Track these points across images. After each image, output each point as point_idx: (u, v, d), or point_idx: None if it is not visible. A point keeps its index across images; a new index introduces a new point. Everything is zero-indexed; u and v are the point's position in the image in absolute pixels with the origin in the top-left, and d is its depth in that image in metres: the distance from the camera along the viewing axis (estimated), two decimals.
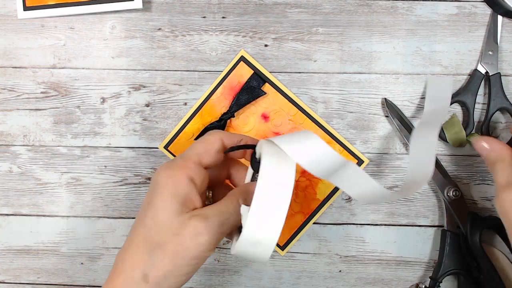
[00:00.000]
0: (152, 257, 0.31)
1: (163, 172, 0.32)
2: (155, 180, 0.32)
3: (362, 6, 0.47)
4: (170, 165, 0.33)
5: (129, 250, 0.32)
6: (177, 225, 0.30)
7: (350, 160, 0.34)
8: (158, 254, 0.30)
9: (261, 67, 0.47)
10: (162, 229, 0.31)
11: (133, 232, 0.32)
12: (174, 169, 0.32)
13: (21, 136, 0.48)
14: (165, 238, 0.30)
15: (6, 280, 0.49)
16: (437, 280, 0.45)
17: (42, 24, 0.48)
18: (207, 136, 0.35)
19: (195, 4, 0.47)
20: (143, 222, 0.32)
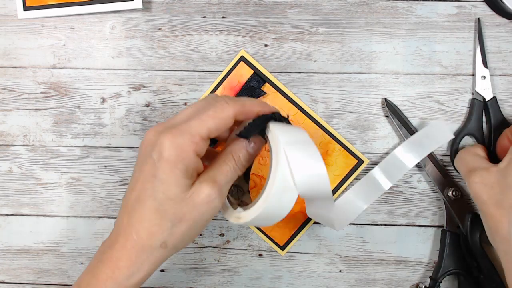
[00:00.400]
0: (172, 227, 0.32)
1: (167, 142, 0.31)
2: (159, 150, 0.31)
3: (362, 6, 0.47)
4: (175, 136, 0.31)
5: (141, 221, 0.33)
6: (191, 196, 0.32)
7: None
8: (177, 224, 0.32)
9: (261, 67, 0.47)
10: (177, 203, 0.32)
11: (140, 204, 0.33)
12: (181, 142, 0.31)
13: (21, 136, 0.48)
14: (182, 210, 0.32)
15: (6, 280, 0.49)
16: (437, 280, 0.45)
17: (42, 24, 0.48)
18: (221, 109, 0.33)
19: (195, 4, 0.47)
20: (153, 195, 0.32)
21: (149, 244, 0.33)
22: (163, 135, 0.31)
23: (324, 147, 0.47)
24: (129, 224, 0.33)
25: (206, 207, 0.33)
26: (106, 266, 0.33)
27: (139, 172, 0.33)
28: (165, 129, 0.32)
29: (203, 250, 0.48)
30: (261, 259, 0.48)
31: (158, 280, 0.49)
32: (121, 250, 0.33)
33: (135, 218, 0.33)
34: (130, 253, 0.33)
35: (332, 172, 0.47)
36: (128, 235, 0.33)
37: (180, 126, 0.32)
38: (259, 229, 0.47)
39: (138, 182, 0.33)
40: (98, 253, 0.35)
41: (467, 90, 0.47)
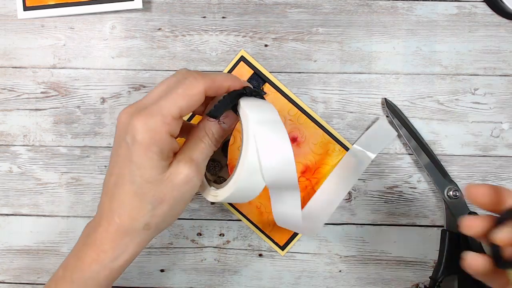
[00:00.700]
0: (153, 209, 0.33)
1: (139, 125, 0.31)
2: (132, 134, 0.31)
3: (362, 6, 0.47)
4: (147, 118, 0.31)
5: (121, 205, 0.33)
6: (169, 177, 0.33)
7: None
8: (157, 205, 0.33)
9: (261, 67, 0.47)
10: (156, 185, 0.32)
11: (119, 188, 0.33)
12: (153, 125, 0.31)
13: (21, 136, 0.48)
14: (161, 192, 0.33)
15: (6, 280, 0.49)
16: (437, 280, 0.45)
17: (42, 24, 0.48)
18: (191, 87, 0.32)
19: (195, 4, 0.47)
20: (131, 179, 0.32)
21: (132, 227, 0.33)
22: (135, 118, 0.31)
23: (324, 147, 0.47)
24: (111, 208, 0.33)
25: (185, 187, 0.33)
26: (91, 249, 0.34)
27: (115, 156, 0.34)
28: (137, 111, 0.32)
29: (203, 250, 0.48)
30: (261, 259, 0.48)
31: (158, 280, 0.49)
32: (105, 234, 0.33)
33: (115, 202, 0.33)
34: (114, 236, 0.33)
35: None
36: (111, 219, 0.33)
37: (151, 108, 0.32)
38: (259, 229, 0.47)
39: (115, 167, 0.33)
40: (83, 236, 0.35)
41: (467, 90, 0.47)
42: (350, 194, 0.48)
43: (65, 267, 0.35)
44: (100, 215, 0.34)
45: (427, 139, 0.47)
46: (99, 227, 0.34)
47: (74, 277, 0.34)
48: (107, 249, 0.33)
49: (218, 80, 0.34)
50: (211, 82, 0.33)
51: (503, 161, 0.47)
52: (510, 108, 0.47)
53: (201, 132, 0.35)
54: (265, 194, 0.47)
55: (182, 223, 0.48)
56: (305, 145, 0.47)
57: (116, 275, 0.35)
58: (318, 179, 0.47)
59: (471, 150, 0.47)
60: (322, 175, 0.47)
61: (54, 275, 0.36)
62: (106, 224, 0.34)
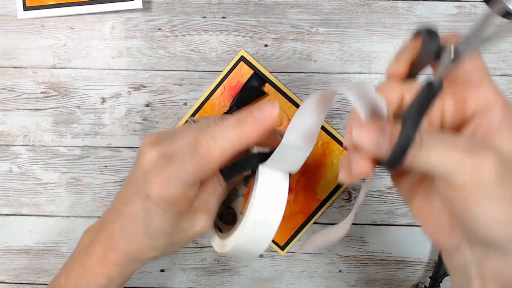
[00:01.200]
0: (163, 249, 0.33)
1: (157, 188, 0.29)
2: (147, 190, 0.29)
3: (362, 6, 0.47)
4: (165, 182, 0.29)
5: (133, 240, 0.33)
6: (186, 229, 0.32)
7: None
8: (168, 247, 0.33)
9: (261, 67, 0.47)
10: (170, 235, 0.32)
11: (133, 224, 0.32)
12: (170, 192, 0.29)
13: (21, 136, 0.48)
14: (174, 240, 0.32)
15: (6, 280, 0.49)
16: (437, 280, 0.45)
17: (42, 24, 0.48)
18: (204, 160, 0.29)
19: (195, 4, 0.47)
20: (145, 224, 0.31)
21: (141, 257, 0.33)
22: (155, 176, 0.29)
23: (324, 147, 0.47)
24: (121, 235, 0.33)
25: (199, 234, 0.33)
26: (97, 262, 0.34)
27: (132, 188, 0.32)
28: (159, 164, 0.29)
29: (203, 250, 0.48)
30: (261, 259, 0.48)
31: (158, 280, 0.49)
32: (114, 254, 0.33)
33: (126, 234, 0.32)
34: (121, 260, 0.33)
35: (332, 172, 0.47)
36: (119, 244, 0.33)
37: (172, 168, 0.29)
38: None
39: (130, 202, 0.32)
40: (85, 244, 0.35)
41: None
42: (350, 194, 0.48)
43: (68, 275, 0.35)
44: (108, 231, 0.34)
45: None
46: (107, 244, 0.33)
47: (80, 286, 0.34)
48: (113, 266, 0.33)
49: (237, 142, 0.29)
50: (229, 150, 0.29)
51: None
52: None
53: (212, 180, 0.33)
54: None
55: None
56: None
57: (122, 285, 0.36)
58: (318, 179, 0.47)
59: None
60: (322, 175, 0.47)
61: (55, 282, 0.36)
62: (115, 245, 0.33)
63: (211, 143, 0.29)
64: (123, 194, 0.33)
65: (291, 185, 0.47)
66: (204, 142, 0.29)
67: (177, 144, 0.30)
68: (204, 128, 0.30)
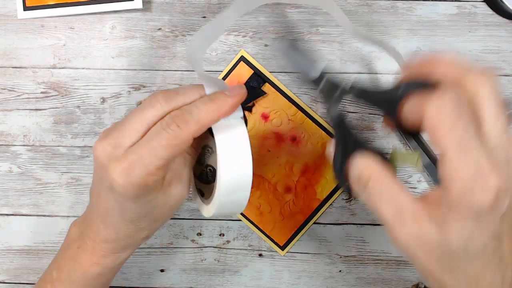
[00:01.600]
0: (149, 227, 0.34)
1: (120, 180, 0.29)
2: (110, 184, 0.29)
3: (362, 6, 0.47)
4: (128, 172, 0.28)
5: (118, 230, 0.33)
6: (163, 203, 0.32)
7: None
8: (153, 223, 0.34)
9: (261, 67, 0.47)
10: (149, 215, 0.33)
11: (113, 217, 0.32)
12: (136, 180, 0.29)
13: (21, 136, 0.48)
14: (156, 215, 0.33)
15: (6, 280, 0.49)
16: None
17: (42, 24, 0.48)
18: (175, 136, 0.29)
19: (195, 4, 0.47)
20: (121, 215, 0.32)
21: (131, 241, 0.34)
22: (113, 169, 0.29)
23: (324, 147, 0.47)
24: (106, 228, 0.33)
25: (178, 204, 0.33)
26: (90, 254, 0.34)
27: (98, 184, 0.32)
28: (115, 156, 0.29)
29: (203, 250, 0.48)
30: (261, 259, 0.48)
31: (158, 280, 0.49)
32: (103, 245, 0.33)
33: (109, 225, 0.33)
34: (114, 248, 0.34)
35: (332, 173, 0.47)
36: (107, 235, 0.33)
37: (130, 157, 0.28)
38: (259, 229, 0.47)
39: (100, 197, 0.32)
40: (74, 237, 0.35)
41: None
42: (350, 194, 0.48)
43: (60, 269, 0.35)
44: (92, 225, 0.34)
45: (427, 139, 0.47)
46: (96, 238, 0.34)
47: (73, 278, 0.34)
48: (107, 254, 0.34)
49: (206, 120, 0.30)
50: (198, 129, 0.29)
51: None
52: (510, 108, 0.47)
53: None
54: (265, 195, 0.47)
55: (182, 223, 0.48)
56: (305, 145, 0.47)
57: (118, 270, 0.36)
58: (318, 179, 0.47)
59: None
60: (322, 175, 0.47)
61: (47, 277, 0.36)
62: (104, 237, 0.33)
63: (187, 120, 0.29)
64: (94, 191, 0.33)
65: (291, 185, 0.47)
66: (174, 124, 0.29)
67: (125, 134, 0.29)
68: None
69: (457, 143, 0.22)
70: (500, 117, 0.23)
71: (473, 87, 0.24)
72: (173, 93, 0.30)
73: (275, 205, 0.47)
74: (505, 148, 0.23)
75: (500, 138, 0.23)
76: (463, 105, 0.23)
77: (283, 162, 0.47)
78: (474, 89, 0.24)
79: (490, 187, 0.22)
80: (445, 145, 0.23)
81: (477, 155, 0.22)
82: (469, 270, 0.25)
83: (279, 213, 0.47)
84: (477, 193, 0.22)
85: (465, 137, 0.22)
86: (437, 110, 0.23)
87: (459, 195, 0.22)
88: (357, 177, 0.27)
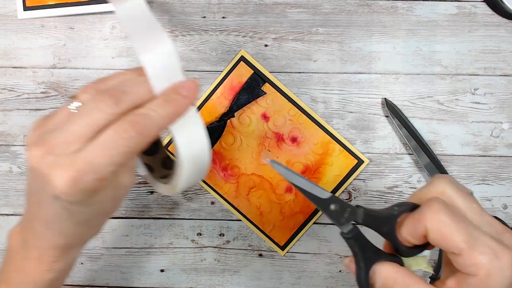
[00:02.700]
0: (97, 224, 0.32)
1: (67, 185, 0.26)
2: (54, 192, 0.27)
3: (362, 6, 0.47)
4: (74, 179, 0.26)
5: (65, 234, 0.31)
6: (112, 195, 0.30)
7: None
8: (101, 219, 0.32)
9: (261, 67, 0.47)
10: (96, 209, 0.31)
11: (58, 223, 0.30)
12: (84, 187, 0.26)
13: (21, 136, 0.48)
14: (110, 208, 0.32)
15: None
16: (437, 279, 0.45)
17: (42, 24, 0.48)
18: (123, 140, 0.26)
19: (195, 4, 0.47)
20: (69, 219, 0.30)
21: (81, 241, 0.32)
22: (57, 178, 0.26)
23: (324, 147, 0.47)
24: (52, 234, 0.30)
25: (128, 190, 0.31)
26: (37, 263, 0.31)
27: (38, 190, 0.29)
28: (57, 164, 0.26)
29: (203, 250, 0.48)
30: (261, 259, 0.48)
31: (158, 280, 0.49)
32: (51, 251, 0.31)
33: (57, 231, 0.30)
34: (63, 253, 0.31)
35: (332, 172, 0.47)
36: (54, 241, 0.31)
37: (79, 165, 0.26)
38: (259, 229, 0.47)
39: (43, 205, 0.29)
40: (17, 248, 0.33)
41: (467, 90, 0.47)
42: (350, 194, 0.48)
43: (8, 283, 0.33)
44: (35, 231, 0.31)
45: (427, 139, 0.47)
46: (42, 245, 0.31)
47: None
48: (58, 259, 0.31)
49: (166, 124, 0.28)
50: (158, 132, 0.28)
51: (503, 161, 0.47)
52: (510, 108, 0.47)
53: None
54: (265, 195, 0.47)
55: (182, 223, 0.48)
56: (305, 145, 0.47)
57: (72, 267, 0.34)
58: (318, 179, 0.47)
59: (471, 150, 0.47)
60: (322, 175, 0.47)
61: None
62: (51, 243, 0.31)
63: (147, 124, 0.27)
64: (32, 199, 0.30)
65: (291, 185, 0.47)
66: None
67: (63, 131, 0.27)
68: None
69: (467, 239, 0.27)
70: (472, 205, 0.29)
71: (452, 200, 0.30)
72: (120, 93, 0.27)
73: (275, 205, 0.47)
74: (489, 224, 0.29)
75: (482, 219, 0.29)
76: (453, 209, 0.28)
77: (283, 162, 0.47)
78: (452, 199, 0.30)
79: (509, 264, 0.27)
80: (458, 243, 0.27)
81: (487, 242, 0.27)
82: None
83: (279, 213, 0.47)
84: (502, 271, 0.27)
85: (470, 231, 0.27)
86: (439, 222, 0.28)
87: (487, 277, 0.27)
88: (383, 285, 0.30)
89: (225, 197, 0.48)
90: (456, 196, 0.29)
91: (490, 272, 0.27)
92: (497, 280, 0.27)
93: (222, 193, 0.48)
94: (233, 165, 0.47)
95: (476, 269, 0.27)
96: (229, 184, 0.48)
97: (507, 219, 0.47)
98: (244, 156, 0.47)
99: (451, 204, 0.29)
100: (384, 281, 0.30)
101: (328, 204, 0.32)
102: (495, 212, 0.47)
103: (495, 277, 0.27)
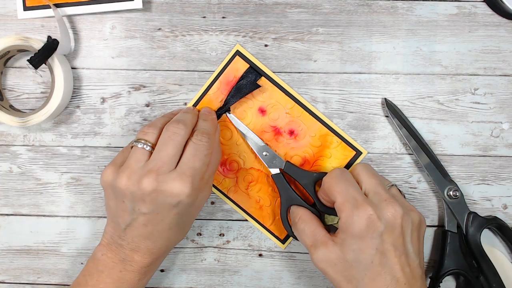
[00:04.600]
0: (189, 227, 0.45)
1: (185, 189, 0.38)
2: (179, 198, 0.38)
3: (362, 6, 0.47)
4: (189, 181, 0.38)
5: (147, 250, 0.41)
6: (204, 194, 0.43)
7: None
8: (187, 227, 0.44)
9: (256, 60, 0.47)
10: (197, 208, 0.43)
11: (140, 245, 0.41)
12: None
13: (21, 136, 0.48)
14: (199, 206, 0.44)
15: (6, 280, 0.49)
16: (437, 280, 0.45)
17: (42, 24, 0.48)
18: (210, 145, 0.40)
19: (195, 4, 0.47)
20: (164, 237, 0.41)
21: (170, 249, 0.44)
22: (174, 187, 0.37)
23: (322, 140, 0.47)
24: (154, 245, 0.40)
25: (204, 202, 0.44)
26: (137, 273, 0.40)
27: (155, 214, 0.39)
28: (165, 179, 0.37)
29: (203, 250, 0.48)
30: (261, 259, 0.48)
31: (158, 280, 0.49)
32: (150, 266, 0.41)
33: (160, 241, 0.40)
34: (159, 262, 0.43)
35: (331, 164, 0.47)
36: (156, 253, 0.40)
37: (187, 172, 0.38)
38: (259, 223, 0.47)
39: (160, 222, 0.39)
40: (114, 264, 0.40)
41: (467, 90, 0.47)
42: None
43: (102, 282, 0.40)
44: (140, 246, 0.40)
45: (427, 139, 0.47)
46: (143, 259, 0.40)
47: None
48: (151, 270, 0.42)
49: (214, 131, 0.42)
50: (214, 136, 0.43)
51: (503, 161, 0.47)
52: (510, 108, 0.47)
53: None
54: (264, 188, 0.47)
55: None
56: (302, 137, 0.47)
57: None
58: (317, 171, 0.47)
59: (471, 150, 0.47)
60: (321, 167, 0.47)
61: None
62: (154, 252, 0.40)
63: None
64: (147, 219, 0.39)
65: None
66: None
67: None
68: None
69: (341, 189, 0.39)
70: (371, 179, 0.40)
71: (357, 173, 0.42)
72: (182, 121, 0.40)
73: (274, 198, 0.47)
74: (377, 193, 0.39)
75: (372, 187, 0.39)
76: (345, 172, 0.41)
77: (282, 156, 0.47)
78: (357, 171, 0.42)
79: (364, 214, 0.37)
80: (334, 193, 0.39)
81: (354, 194, 0.38)
82: (364, 279, 0.37)
83: (279, 207, 0.47)
84: (356, 219, 0.37)
85: (347, 188, 0.39)
86: (329, 177, 0.41)
87: (346, 222, 0.37)
88: (295, 222, 0.42)
89: (225, 192, 0.48)
90: (361, 171, 0.41)
91: (348, 219, 0.37)
92: (351, 221, 0.37)
93: (221, 188, 0.48)
94: (231, 160, 0.47)
95: (340, 212, 0.38)
96: (228, 179, 0.48)
97: (507, 219, 0.47)
98: (242, 151, 0.47)
99: (356, 177, 0.41)
100: (293, 215, 0.43)
101: (262, 150, 0.45)
102: (495, 212, 0.47)
103: (350, 219, 0.37)
